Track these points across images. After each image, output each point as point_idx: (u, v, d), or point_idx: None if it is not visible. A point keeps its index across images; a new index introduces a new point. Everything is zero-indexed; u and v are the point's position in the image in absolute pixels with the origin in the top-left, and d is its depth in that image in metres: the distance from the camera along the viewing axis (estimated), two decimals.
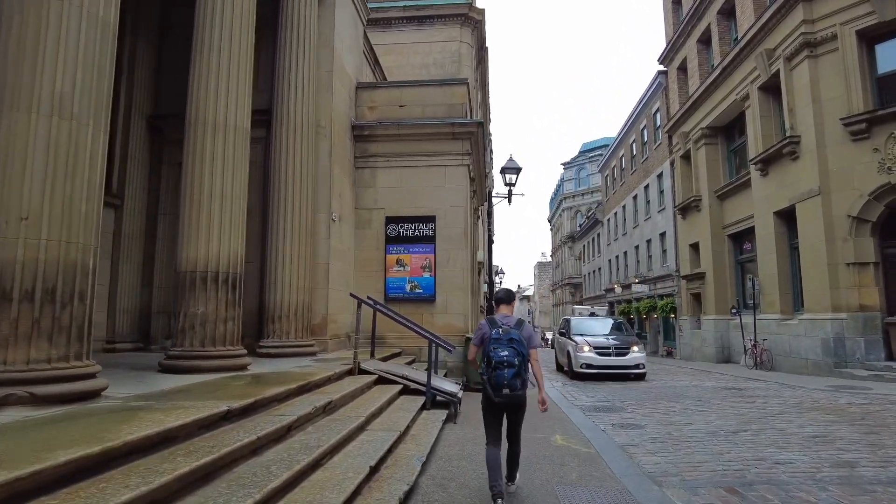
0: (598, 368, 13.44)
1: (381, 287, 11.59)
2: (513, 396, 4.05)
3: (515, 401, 4.15)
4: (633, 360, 13.65)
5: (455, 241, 11.60)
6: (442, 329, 11.27)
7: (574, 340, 14.28)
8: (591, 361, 13.50)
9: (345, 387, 6.21)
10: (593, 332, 14.94)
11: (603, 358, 13.57)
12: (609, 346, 13.83)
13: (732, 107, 19.18)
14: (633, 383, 12.79)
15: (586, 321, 16.31)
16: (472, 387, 10.28)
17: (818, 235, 13.97)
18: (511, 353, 4.03)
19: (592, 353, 13.56)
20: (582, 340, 14.00)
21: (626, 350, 13.76)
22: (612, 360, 13.53)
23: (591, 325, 15.77)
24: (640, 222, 31.00)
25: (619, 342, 14.08)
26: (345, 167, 11.27)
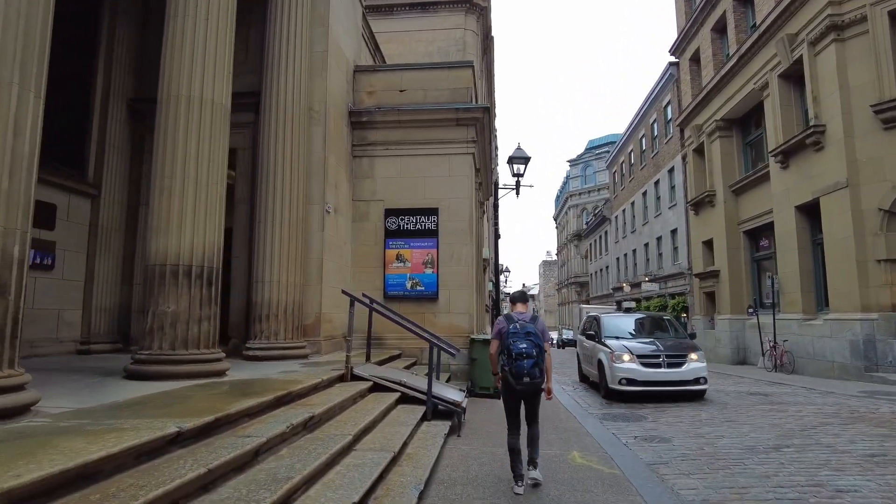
0: (643, 385, 9.76)
1: (379, 284, 10.82)
2: (532, 384, 4.51)
3: (535, 388, 4.58)
4: (691, 373, 9.84)
5: (459, 235, 10.82)
6: (445, 330, 10.50)
7: (607, 346, 10.53)
8: (635, 375, 9.77)
9: (333, 396, 5.44)
10: (632, 335, 11.35)
11: (650, 370, 9.83)
12: (658, 355, 10.07)
13: (749, 97, 18.31)
14: None
15: (621, 319, 12.40)
16: (477, 392, 9.53)
17: (845, 230, 13.12)
18: (529, 346, 4.47)
19: (635, 363, 9.87)
20: (619, 347, 10.33)
21: (681, 359, 10.01)
22: (664, 374, 9.83)
23: (628, 324, 11.95)
24: (651, 219, 30.14)
25: (671, 348, 10.39)
26: (341, 156, 10.50)
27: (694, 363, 10.02)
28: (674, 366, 9.95)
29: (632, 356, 9.98)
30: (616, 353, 10.11)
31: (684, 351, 10.25)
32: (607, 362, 10.23)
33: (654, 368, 9.89)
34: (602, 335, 11.20)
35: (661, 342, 10.73)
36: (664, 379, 9.84)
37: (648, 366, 9.90)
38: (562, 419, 7.88)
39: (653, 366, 9.92)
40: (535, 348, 4.48)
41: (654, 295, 28.93)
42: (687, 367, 9.94)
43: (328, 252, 9.57)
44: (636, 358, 9.96)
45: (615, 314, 13.67)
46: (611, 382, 10.02)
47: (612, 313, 13.41)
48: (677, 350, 10.31)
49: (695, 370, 9.94)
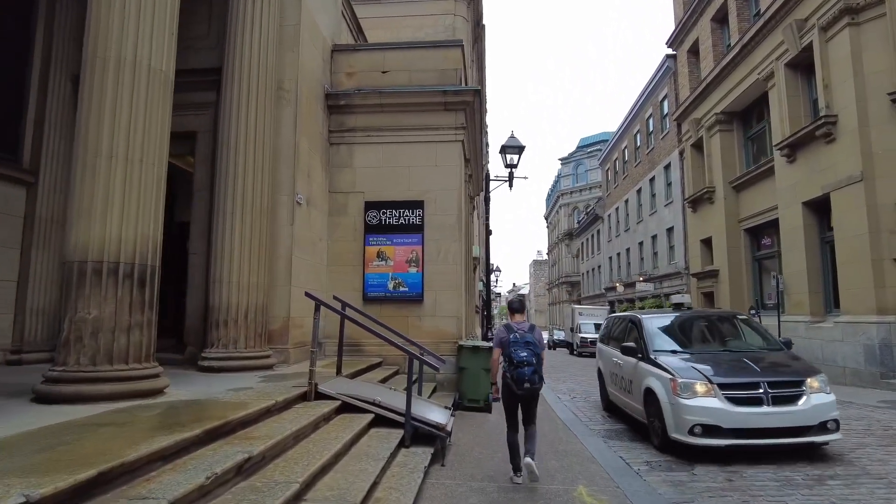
0: (735, 436, 5.84)
1: (358, 285, 9.80)
2: (532, 390, 4.88)
3: (534, 393, 4.96)
4: (814, 413, 5.97)
5: (447, 230, 9.83)
6: (430, 335, 9.52)
7: (663, 367, 6.56)
8: (719, 419, 5.87)
9: (287, 424, 4.43)
10: (695, 347, 7.43)
11: (745, 411, 5.90)
12: (757, 384, 6.05)
13: (752, 88, 17.48)
14: None
15: (672, 322, 8.00)
16: (466, 405, 8.56)
17: (860, 227, 12.28)
18: (529, 354, 4.85)
19: (717, 398, 5.96)
20: (685, 369, 6.39)
21: (795, 389, 6.09)
22: (769, 416, 5.89)
23: (684, 329, 7.92)
24: (645, 217, 29.33)
25: (772, 369, 6.41)
26: (315, 142, 9.47)
27: (816, 395, 6.03)
28: (784, 401, 5.92)
29: (709, 385, 6.01)
30: (682, 381, 6.13)
31: (796, 375, 6.22)
32: (666, 395, 6.25)
33: (750, 407, 5.86)
34: (649, 348, 7.13)
35: (750, 359, 6.60)
36: (771, 425, 5.80)
37: (741, 402, 5.89)
38: (561, 438, 6.92)
39: (748, 402, 5.89)
40: (534, 357, 4.87)
41: (648, 295, 28.12)
42: (805, 402, 5.94)
43: (299, 248, 8.54)
44: (717, 388, 5.97)
45: (659, 314, 8.65)
46: (674, 429, 6.04)
47: (655, 313, 8.85)
48: (783, 373, 6.27)
49: (819, 408, 5.94)
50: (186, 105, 8.46)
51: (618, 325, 9.21)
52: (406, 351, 5.75)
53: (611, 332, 9.48)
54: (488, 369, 8.74)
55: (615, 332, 9.13)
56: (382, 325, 7.65)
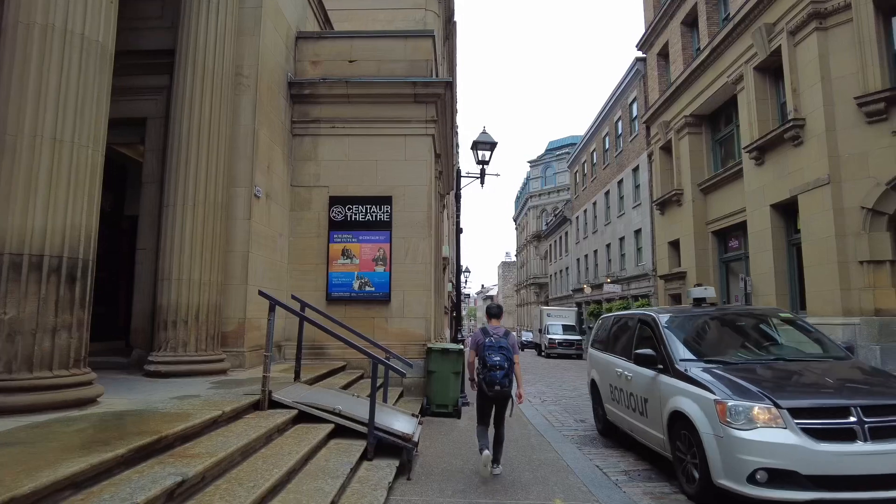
0: (819, 487, 4.04)
1: (322, 284, 9.30)
2: (503, 392, 5.07)
3: (505, 395, 5.13)
4: None
5: (416, 228, 9.41)
6: (398, 336, 9.09)
7: (701, 385, 4.83)
8: (794, 461, 4.11)
9: (233, 439, 3.94)
10: (741, 358, 5.47)
11: (834, 448, 4.12)
12: (846, 408, 4.31)
13: (721, 91, 17.58)
14: None
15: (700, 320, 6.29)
16: (434, 410, 8.15)
17: (826, 230, 12.35)
18: (502, 358, 5.07)
19: (790, 431, 4.22)
20: (735, 387, 4.61)
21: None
22: (869, 456, 4.08)
23: (718, 331, 6.27)
24: (613, 219, 29.45)
25: (862, 390, 4.72)
26: (276, 132, 8.94)
27: None
28: (888, 434, 4.16)
29: (775, 411, 4.30)
30: (734, 404, 4.40)
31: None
32: (707, 423, 4.54)
33: (839, 443, 4.14)
34: (674, 356, 5.39)
35: (819, 371, 5.02)
36: (873, 471, 4.06)
37: (824, 435, 4.17)
38: (534, 446, 6.58)
39: (835, 435, 4.18)
40: (506, 361, 5.10)
41: (616, 297, 28.22)
42: None
43: (257, 245, 8.00)
44: (787, 415, 4.28)
45: (679, 311, 6.59)
46: (723, 473, 4.36)
47: (672, 311, 6.72)
48: (880, 393, 4.56)
49: None
50: (137, 89, 7.88)
51: (620, 326, 7.34)
52: (369, 355, 5.31)
53: (609, 334, 7.63)
54: (458, 373, 8.36)
55: (615, 336, 7.37)
56: (345, 326, 7.20)
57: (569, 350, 27.74)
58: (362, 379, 8.80)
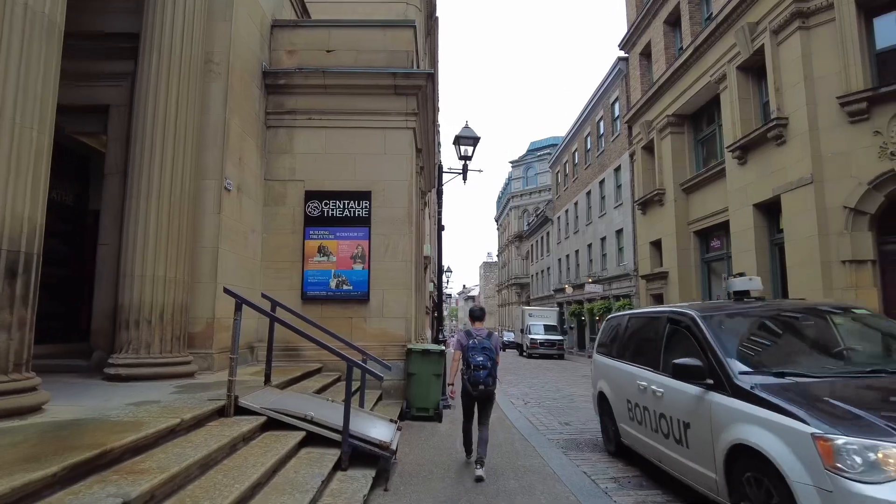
0: None
1: (297, 282, 8.91)
2: (486, 391, 5.39)
3: (487, 394, 5.43)
4: None
5: (396, 224, 9.07)
6: (377, 337, 8.75)
7: (784, 412, 3.36)
8: None
9: (190, 450, 3.56)
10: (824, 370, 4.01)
11: None
12: None
13: (704, 91, 17.54)
14: None
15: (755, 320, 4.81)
16: (415, 414, 7.82)
17: (809, 230, 12.30)
18: (485, 359, 5.34)
19: None
20: (842, 417, 3.17)
21: None
22: None
23: (781, 335, 4.74)
24: (595, 219, 29.40)
25: None
26: (249, 123, 8.53)
27: None
28: None
29: None
30: (846, 442, 3.01)
31: None
32: (801, 468, 3.15)
33: None
34: (732, 369, 4.03)
35: None
36: None
37: None
38: (518, 451, 6.29)
39: None
40: (489, 361, 5.33)
41: (597, 297, 28.17)
42: None
43: (227, 240, 7.59)
44: None
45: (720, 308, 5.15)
46: None
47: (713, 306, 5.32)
48: None
49: None
50: (100, 74, 7.43)
51: (639, 327, 6.07)
52: (343, 357, 4.96)
53: (622, 337, 6.42)
54: (439, 374, 8.05)
55: (632, 339, 6.13)
56: (319, 327, 6.84)
57: (550, 350, 27.61)
58: (339, 382, 8.43)
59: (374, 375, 5.20)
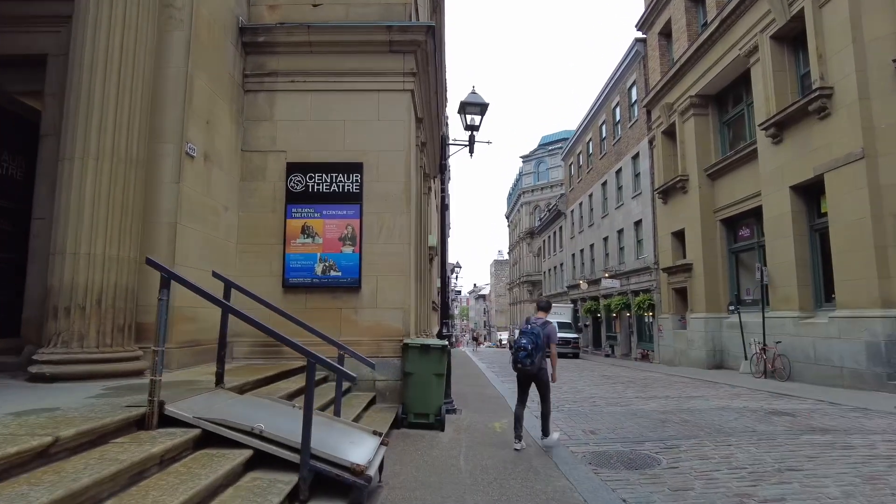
0: None
1: (277, 267, 7.74)
2: (524, 370, 5.97)
3: (526, 373, 6.00)
4: None
5: (391, 201, 7.88)
6: (370, 331, 7.57)
7: None
8: None
9: (66, 480, 2.38)
10: None
11: None
12: None
13: (731, 67, 16.19)
14: (634, 404, 9.34)
15: None
16: (412, 421, 6.63)
17: (860, 210, 10.95)
18: (527, 342, 5.89)
19: None
20: None
21: None
22: None
23: None
24: (611, 211, 28.02)
25: None
26: (222, 84, 7.37)
27: None
28: None
29: None
30: None
31: None
32: None
33: None
34: None
35: None
36: None
37: None
38: (538, 471, 5.05)
39: None
40: (531, 345, 5.86)
41: (614, 293, 26.81)
42: None
43: (190, 216, 6.43)
44: None
45: None
46: None
47: None
48: None
49: None
50: (35, 18, 6.32)
51: None
52: (303, 351, 3.76)
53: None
54: (441, 374, 6.84)
55: None
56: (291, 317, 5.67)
57: (565, 349, 26.22)
58: (326, 382, 7.25)
59: (346, 377, 4.00)
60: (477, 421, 7.37)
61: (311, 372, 3.61)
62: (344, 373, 3.89)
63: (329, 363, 3.80)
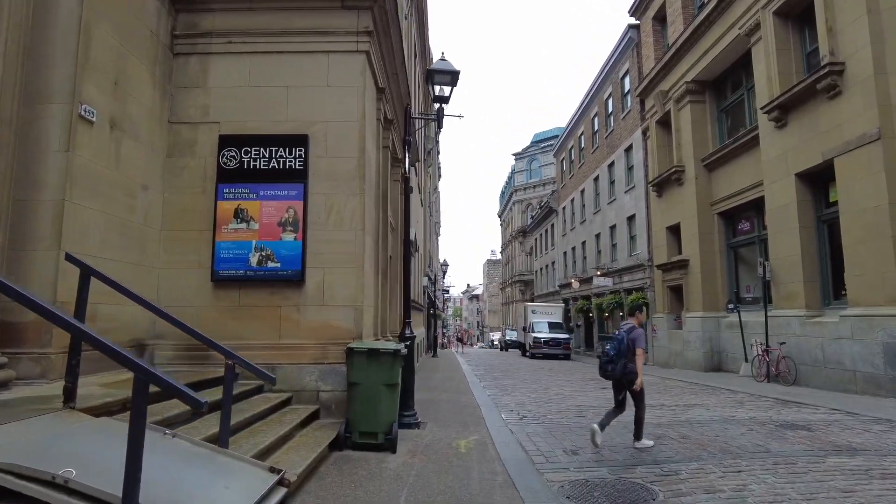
0: None
1: (206, 258, 6.59)
2: (608, 375, 5.97)
3: (612, 379, 6.03)
4: None
5: (342, 179, 6.75)
6: (314, 333, 6.46)
7: None
8: None
9: None
10: None
11: None
12: None
13: (730, 50, 15.15)
14: None
15: None
16: (357, 441, 5.50)
17: (875, 197, 9.90)
18: (612, 348, 5.93)
19: None
20: None
21: None
22: None
23: None
24: (603, 206, 26.97)
25: None
26: (138, 41, 6.21)
27: None
28: None
29: None
30: None
31: None
32: None
33: None
34: None
35: None
36: None
37: None
38: None
39: None
40: (613, 351, 5.88)
41: (606, 291, 25.74)
42: None
43: (88, 193, 5.28)
44: None
45: None
46: None
47: None
48: None
49: None
50: None
51: None
52: (103, 346, 2.60)
53: None
54: (394, 384, 5.71)
55: None
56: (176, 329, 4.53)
57: (556, 350, 25.20)
58: (259, 394, 6.12)
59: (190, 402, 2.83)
60: (441, 438, 6.24)
61: (137, 393, 2.45)
62: (185, 396, 2.71)
63: (160, 376, 2.62)
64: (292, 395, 6.27)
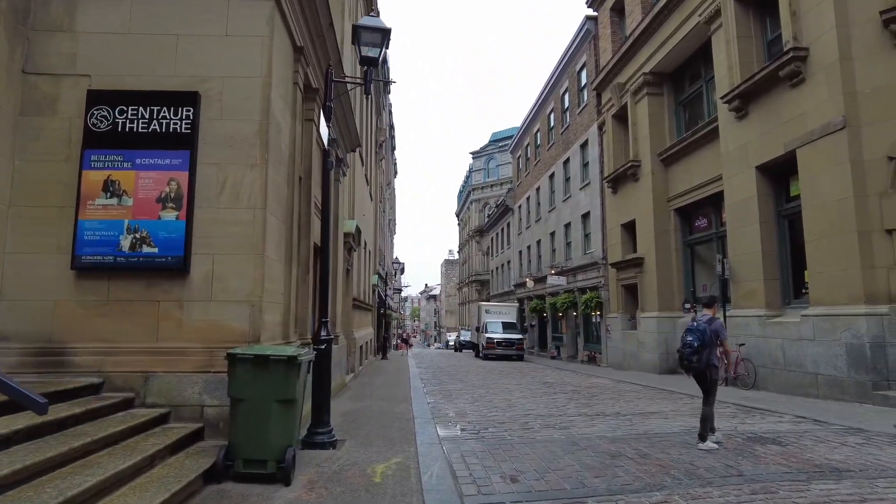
0: None
1: (65, 240, 5.29)
2: (691, 367, 5.95)
3: (694, 371, 5.97)
4: None
5: (240, 147, 5.57)
6: (200, 335, 5.25)
7: None
8: None
9: None
10: None
11: None
12: None
13: (690, 37, 14.59)
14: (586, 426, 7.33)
15: None
16: (241, 470, 4.32)
17: (840, 190, 9.35)
18: (693, 339, 5.87)
19: None
20: None
21: None
22: None
23: None
24: (558, 204, 26.35)
25: None
26: None
27: None
28: None
29: None
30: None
31: None
32: None
33: None
34: None
35: None
36: None
37: None
38: None
39: None
40: (697, 341, 5.83)
41: (560, 290, 25.11)
42: None
43: None
44: None
45: None
46: None
47: None
48: None
49: None
50: None
51: None
52: None
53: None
54: (290, 400, 4.55)
55: None
56: None
57: (509, 351, 24.39)
58: (126, 410, 4.88)
59: None
60: (356, 462, 5.13)
61: None
62: None
63: None
64: (170, 412, 5.05)
